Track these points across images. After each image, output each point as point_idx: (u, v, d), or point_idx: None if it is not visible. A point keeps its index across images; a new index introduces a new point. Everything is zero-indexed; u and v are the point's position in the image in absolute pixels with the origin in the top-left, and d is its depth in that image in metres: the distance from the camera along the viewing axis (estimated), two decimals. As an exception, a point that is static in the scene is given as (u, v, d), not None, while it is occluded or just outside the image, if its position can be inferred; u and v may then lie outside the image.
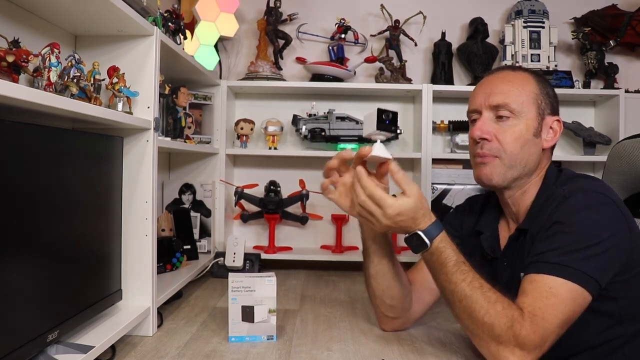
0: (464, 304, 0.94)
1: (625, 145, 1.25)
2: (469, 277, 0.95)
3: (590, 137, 2.12)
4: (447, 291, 0.98)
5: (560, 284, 0.90)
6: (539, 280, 0.92)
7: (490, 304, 0.91)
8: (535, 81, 1.09)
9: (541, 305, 0.88)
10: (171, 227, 1.82)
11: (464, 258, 0.99)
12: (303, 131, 2.07)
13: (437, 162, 2.09)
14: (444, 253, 0.98)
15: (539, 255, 0.95)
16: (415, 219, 0.99)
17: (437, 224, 1.01)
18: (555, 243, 0.94)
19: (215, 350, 1.11)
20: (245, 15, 2.27)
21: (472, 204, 1.29)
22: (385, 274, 1.15)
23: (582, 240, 0.92)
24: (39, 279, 0.88)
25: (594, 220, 0.95)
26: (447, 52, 2.20)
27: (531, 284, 0.92)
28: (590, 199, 0.97)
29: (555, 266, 0.91)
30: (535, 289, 0.91)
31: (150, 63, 1.24)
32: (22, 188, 0.82)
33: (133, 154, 1.24)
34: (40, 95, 0.81)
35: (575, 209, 0.96)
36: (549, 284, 0.90)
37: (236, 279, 1.16)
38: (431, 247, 0.99)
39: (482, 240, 1.16)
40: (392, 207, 0.97)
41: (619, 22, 2.16)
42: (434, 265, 1.01)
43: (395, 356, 1.09)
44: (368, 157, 1.01)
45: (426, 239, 0.99)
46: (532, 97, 1.07)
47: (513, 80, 1.08)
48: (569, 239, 0.93)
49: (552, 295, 0.89)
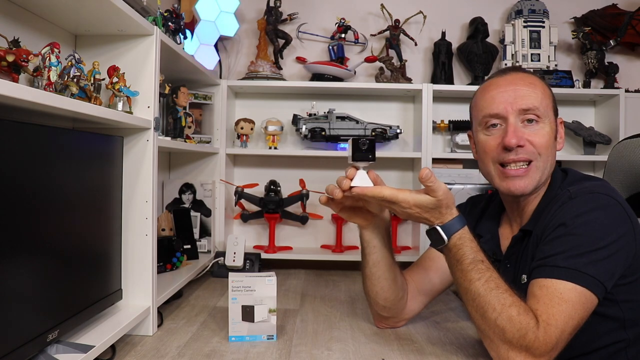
0: (477, 303, 0.93)
1: (626, 145, 1.25)
2: (484, 277, 0.93)
3: (590, 137, 2.12)
4: (461, 288, 0.97)
5: (570, 288, 0.89)
6: (549, 286, 0.90)
7: (504, 307, 0.89)
8: (544, 83, 1.09)
9: (554, 312, 0.87)
10: (171, 227, 1.82)
11: (483, 256, 0.97)
12: (303, 131, 2.07)
13: (437, 161, 2.09)
14: (461, 250, 0.97)
15: (546, 259, 0.93)
16: (434, 211, 0.97)
17: (459, 219, 0.98)
18: (563, 246, 0.93)
19: (215, 350, 1.11)
20: (245, 15, 2.27)
21: (473, 205, 1.28)
22: (379, 277, 1.16)
23: (590, 243, 0.91)
24: (39, 279, 0.88)
25: (600, 222, 0.94)
26: (447, 51, 2.20)
27: (541, 289, 0.91)
28: (597, 201, 0.96)
29: (564, 270, 0.90)
30: (546, 294, 0.90)
31: (150, 63, 1.24)
32: (22, 188, 0.82)
33: (133, 154, 1.24)
34: (40, 94, 0.80)
35: (582, 211, 0.95)
36: (560, 289, 0.89)
37: (236, 279, 1.16)
38: (449, 243, 0.98)
39: (482, 243, 1.14)
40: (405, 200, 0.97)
41: (619, 21, 2.16)
42: (451, 262, 1.00)
43: (395, 356, 1.09)
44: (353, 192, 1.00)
45: (444, 235, 0.98)
46: (550, 99, 1.07)
47: (534, 83, 1.07)
48: (576, 242, 0.92)
49: (563, 301, 0.88)
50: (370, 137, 1.02)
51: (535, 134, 1.04)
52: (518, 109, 1.03)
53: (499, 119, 1.06)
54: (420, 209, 0.97)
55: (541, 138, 1.03)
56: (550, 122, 1.05)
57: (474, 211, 1.25)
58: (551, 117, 1.06)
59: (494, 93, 1.07)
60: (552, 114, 1.07)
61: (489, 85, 1.10)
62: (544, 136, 1.04)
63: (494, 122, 1.07)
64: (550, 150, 1.05)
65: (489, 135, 1.08)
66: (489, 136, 1.08)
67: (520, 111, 1.04)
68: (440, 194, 0.95)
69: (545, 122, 1.05)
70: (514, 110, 1.04)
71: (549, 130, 1.05)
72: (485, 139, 1.09)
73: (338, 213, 1.10)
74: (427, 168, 0.96)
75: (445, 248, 0.99)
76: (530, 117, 1.04)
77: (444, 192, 0.96)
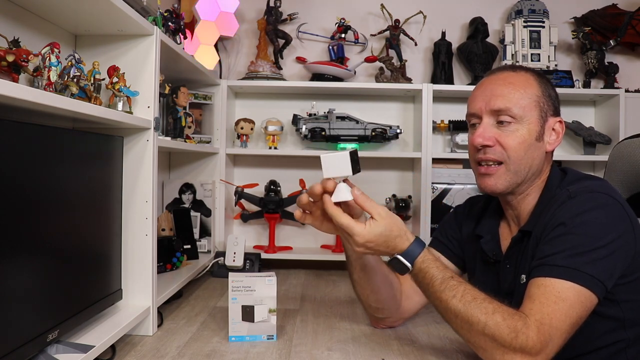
0: (460, 319, 0.92)
1: (626, 145, 1.25)
2: (459, 292, 0.93)
3: (590, 137, 2.12)
4: (440, 309, 0.97)
5: (568, 287, 0.88)
6: (546, 285, 0.90)
7: (488, 316, 0.89)
8: (537, 82, 1.06)
9: (549, 311, 0.87)
10: (171, 227, 1.82)
11: (451, 272, 0.98)
12: (303, 131, 2.07)
13: (437, 161, 2.09)
14: (429, 273, 0.97)
15: (545, 258, 0.93)
16: (389, 242, 0.98)
17: (416, 244, 1.00)
18: (562, 245, 0.92)
19: (215, 350, 1.11)
20: (245, 15, 2.27)
21: (472, 206, 1.27)
22: (368, 279, 1.15)
23: (589, 243, 0.91)
24: (39, 279, 0.88)
25: (599, 222, 0.93)
26: (447, 51, 2.20)
27: (539, 288, 0.90)
28: (596, 200, 0.96)
29: (563, 269, 0.89)
30: (543, 293, 0.89)
31: (150, 63, 1.24)
32: (22, 188, 0.82)
33: (133, 154, 1.24)
34: (40, 94, 0.80)
35: (581, 210, 0.94)
36: (557, 288, 0.88)
37: (236, 279, 1.16)
38: (414, 269, 0.99)
39: (483, 244, 1.14)
40: (360, 234, 0.96)
41: (619, 21, 2.16)
42: (421, 285, 1.00)
43: (395, 356, 1.09)
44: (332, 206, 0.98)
45: (407, 262, 0.99)
46: (534, 100, 1.04)
47: (514, 83, 1.04)
48: (575, 241, 0.91)
49: (560, 299, 0.87)
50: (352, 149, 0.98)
51: (507, 136, 1.02)
52: (490, 109, 1.04)
53: (477, 118, 1.07)
54: (374, 242, 0.97)
55: (512, 140, 1.02)
56: (529, 123, 1.02)
57: (472, 211, 1.24)
58: (532, 117, 1.03)
59: (477, 92, 1.09)
60: (534, 114, 1.03)
61: (478, 84, 1.12)
62: (516, 138, 1.02)
63: (473, 122, 1.09)
64: (526, 152, 1.02)
65: (471, 134, 1.09)
66: (471, 135, 1.09)
67: (493, 112, 1.04)
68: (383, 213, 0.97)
69: (521, 123, 1.02)
70: (487, 110, 1.04)
71: (526, 132, 1.02)
72: (469, 137, 1.11)
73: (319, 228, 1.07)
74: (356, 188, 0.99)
75: (411, 274, 1.00)
76: (501, 119, 1.03)
77: (385, 215, 0.97)
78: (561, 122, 1.08)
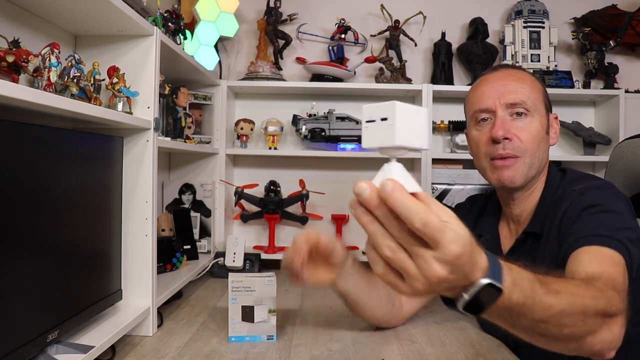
0: (574, 319, 0.67)
1: (627, 145, 1.25)
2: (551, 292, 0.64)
3: (590, 137, 2.12)
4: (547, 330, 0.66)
5: (616, 255, 0.84)
6: (596, 251, 0.84)
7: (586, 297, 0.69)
8: (537, 79, 1.11)
9: (612, 271, 0.81)
10: (171, 227, 1.82)
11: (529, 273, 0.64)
12: (303, 131, 2.07)
13: (437, 162, 2.09)
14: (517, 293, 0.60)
15: (584, 231, 0.89)
16: (474, 253, 0.54)
17: (491, 257, 0.59)
18: (598, 221, 0.90)
19: (215, 350, 1.11)
20: (245, 15, 2.27)
21: (472, 204, 1.28)
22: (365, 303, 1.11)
23: (624, 221, 0.90)
24: (38, 279, 0.88)
25: (623, 207, 0.94)
26: (447, 52, 2.20)
27: (589, 254, 0.85)
28: (608, 193, 0.97)
29: (608, 239, 0.86)
30: (598, 256, 0.84)
31: (150, 63, 1.24)
32: (22, 188, 0.82)
33: (133, 154, 1.24)
34: (40, 95, 0.80)
35: (603, 197, 0.95)
36: (608, 254, 0.84)
37: (236, 279, 1.16)
38: (504, 294, 0.58)
39: (483, 243, 1.14)
40: (455, 240, 0.50)
41: (619, 22, 2.16)
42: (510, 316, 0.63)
43: (395, 356, 1.09)
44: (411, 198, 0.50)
45: (497, 284, 0.57)
46: (541, 94, 1.09)
47: (523, 78, 1.09)
48: (611, 218, 0.90)
49: (615, 264, 0.83)
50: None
51: (523, 129, 1.05)
52: (506, 102, 1.06)
53: (489, 113, 1.08)
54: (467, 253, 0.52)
55: (529, 133, 1.05)
56: (540, 116, 1.07)
57: (473, 209, 1.25)
58: (541, 111, 1.07)
59: (484, 89, 1.10)
60: (542, 108, 1.08)
61: (479, 82, 1.13)
62: (532, 131, 1.05)
63: (484, 117, 1.09)
64: (539, 145, 1.06)
65: (480, 130, 1.10)
66: (480, 131, 1.10)
67: (509, 105, 1.06)
68: None
69: (534, 116, 1.06)
70: (502, 104, 1.06)
71: (538, 124, 1.06)
72: (477, 134, 1.11)
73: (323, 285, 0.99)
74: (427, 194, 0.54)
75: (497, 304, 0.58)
76: (518, 111, 1.06)
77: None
78: (557, 117, 1.13)
